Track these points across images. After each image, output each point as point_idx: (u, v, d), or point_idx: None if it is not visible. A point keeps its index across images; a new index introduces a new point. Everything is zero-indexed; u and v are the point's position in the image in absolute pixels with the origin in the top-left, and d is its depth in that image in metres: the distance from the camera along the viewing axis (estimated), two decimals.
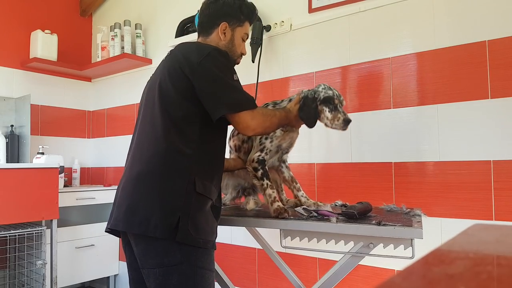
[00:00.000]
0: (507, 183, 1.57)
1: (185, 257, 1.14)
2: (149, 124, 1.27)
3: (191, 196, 1.17)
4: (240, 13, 1.39)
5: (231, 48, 1.39)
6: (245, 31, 1.43)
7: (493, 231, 0.56)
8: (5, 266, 2.55)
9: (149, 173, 1.20)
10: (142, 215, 1.16)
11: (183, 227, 1.13)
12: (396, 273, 0.45)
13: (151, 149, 1.22)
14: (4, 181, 2.15)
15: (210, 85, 1.21)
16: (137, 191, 1.20)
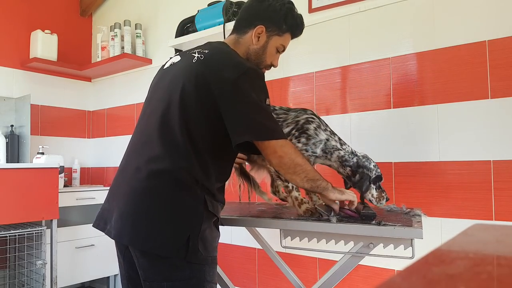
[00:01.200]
0: (507, 183, 1.57)
1: (195, 272, 1.11)
2: (162, 131, 1.15)
3: (202, 215, 1.12)
4: (283, 21, 1.27)
5: (261, 56, 1.29)
6: (282, 42, 1.31)
7: (493, 231, 0.56)
8: (5, 266, 2.55)
9: (161, 187, 1.12)
10: (149, 232, 1.10)
11: (193, 247, 1.09)
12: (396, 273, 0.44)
13: (163, 162, 1.13)
14: (4, 181, 2.15)
15: (239, 107, 1.10)
16: (145, 206, 1.12)
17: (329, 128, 1.40)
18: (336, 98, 2.04)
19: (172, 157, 1.12)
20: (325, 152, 1.36)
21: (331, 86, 2.07)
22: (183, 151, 1.12)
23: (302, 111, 1.42)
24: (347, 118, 2.00)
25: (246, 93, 1.10)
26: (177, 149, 1.13)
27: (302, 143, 1.35)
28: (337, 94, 2.04)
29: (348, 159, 1.35)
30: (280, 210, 1.52)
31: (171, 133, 1.14)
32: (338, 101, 2.04)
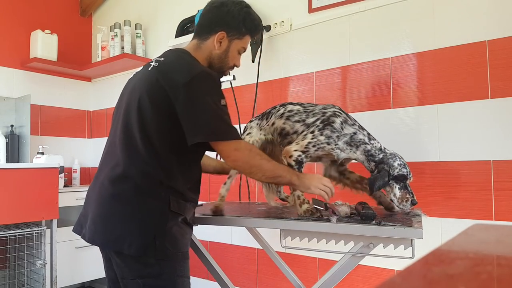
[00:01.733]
0: (507, 183, 1.57)
1: (165, 269, 1.18)
2: (125, 138, 1.24)
3: (166, 215, 1.18)
4: (242, 25, 1.33)
5: (224, 59, 1.35)
6: (243, 45, 1.37)
7: (493, 231, 0.56)
8: (5, 266, 2.55)
9: (124, 192, 1.20)
10: (118, 234, 1.18)
11: (160, 245, 1.16)
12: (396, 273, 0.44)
13: (127, 167, 1.20)
14: (4, 181, 2.15)
15: (192, 109, 1.16)
16: (113, 210, 1.20)
17: (357, 123, 1.38)
18: (336, 98, 2.04)
19: (134, 163, 1.20)
20: (350, 145, 1.34)
21: (331, 86, 2.07)
22: (144, 156, 1.19)
23: (330, 105, 1.42)
24: None
25: (199, 95, 1.16)
26: (138, 155, 1.20)
27: (325, 136, 1.32)
28: (337, 94, 2.04)
29: (374, 154, 1.32)
30: (280, 210, 1.52)
31: (132, 140, 1.22)
32: (338, 101, 2.04)
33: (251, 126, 1.55)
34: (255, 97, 2.29)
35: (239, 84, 2.38)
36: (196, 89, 1.16)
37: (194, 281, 2.61)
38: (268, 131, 1.48)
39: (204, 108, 1.16)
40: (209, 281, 2.50)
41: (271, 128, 1.47)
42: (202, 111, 1.16)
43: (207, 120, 1.16)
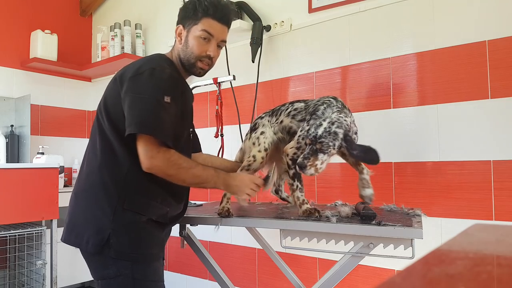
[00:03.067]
0: (507, 183, 1.57)
1: (121, 270, 1.17)
2: (92, 139, 1.30)
3: (121, 213, 1.19)
4: (195, 11, 1.28)
5: (186, 51, 1.30)
6: (202, 28, 1.27)
7: (493, 231, 0.56)
8: (5, 266, 2.55)
9: (84, 191, 1.26)
10: (78, 231, 1.22)
11: (114, 244, 1.17)
12: (396, 273, 0.44)
13: (89, 167, 1.26)
14: (4, 181, 2.15)
15: (131, 101, 1.17)
16: (75, 208, 1.26)
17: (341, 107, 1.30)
18: None
19: (93, 162, 1.25)
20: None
21: (331, 86, 2.07)
22: (102, 155, 1.23)
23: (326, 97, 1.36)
24: None
25: (139, 89, 1.17)
26: (96, 154, 1.25)
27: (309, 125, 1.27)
28: (337, 94, 2.04)
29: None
30: (280, 210, 1.52)
31: (93, 139, 1.28)
32: None
33: (263, 124, 1.51)
34: (255, 97, 2.29)
35: (239, 84, 2.38)
36: (139, 83, 1.18)
37: (194, 281, 2.62)
38: (277, 129, 1.47)
39: (141, 101, 1.16)
40: (209, 281, 2.50)
41: (280, 126, 1.46)
42: (139, 103, 1.16)
43: (140, 112, 1.15)
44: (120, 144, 1.20)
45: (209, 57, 1.31)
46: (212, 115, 2.52)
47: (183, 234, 1.51)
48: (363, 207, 1.23)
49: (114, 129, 1.21)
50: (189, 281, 2.63)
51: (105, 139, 1.23)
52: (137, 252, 1.19)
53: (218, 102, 1.91)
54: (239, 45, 2.44)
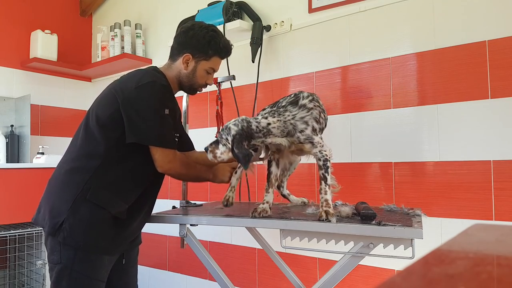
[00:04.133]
0: (507, 183, 1.57)
1: (63, 259, 1.28)
2: (76, 135, 1.44)
3: (80, 202, 1.29)
4: (208, 48, 1.44)
5: (192, 79, 1.48)
6: (211, 65, 1.48)
7: (493, 231, 0.56)
8: (5, 266, 2.55)
9: (55, 178, 1.40)
10: (42, 212, 1.36)
11: (66, 228, 1.27)
12: (396, 273, 0.45)
13: (66, 158, 1.41)
14: (4, 181, 2.15)
15: (133, 112, 1.29)
16: (45, 193, 1.41)
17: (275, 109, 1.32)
18: (336, 98, 2.04)
19: (70, 153, 1.41)
20: None
21: (331, 86, 2.07)
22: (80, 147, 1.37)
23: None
24: (347, 118, 2.00)
25: (140, 100, 1.30)
26: (76, 145, 1.39)
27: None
28: (337, 94, 2.04)
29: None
30: (280, 210, 1.52)
31: (77, 134, 1.42)
32: (338, 101, 2.04)
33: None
34: (255, 97, 2.29)
35: (239, 84, 2.38)
36: (140, 95, 1.30)
37: (194, 281, 2.62)
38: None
39: (144, 113, 1.29)
40: (209, 281, 2.50)
41: None
42: (140, 115, 1.29)
43: (145, 125, 1.30)
44: (103, 143, 1.32)
45: (207, 85, 1.54)
46: (212, 115, 2.52)
47: (183, 234, 1.51)
48: (363, 207, 1.23)
49: (101, 128, 1.33)
50: (189, 281, 2.63)
51: (89, 134, 1.36)
52: (84, 240, 1.28)
53: (218, 102, 1.91)
54: (239, 45, 2.44)
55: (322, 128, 1.37)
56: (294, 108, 1.28)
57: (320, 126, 1.32)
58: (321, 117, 1.33)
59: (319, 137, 1.29)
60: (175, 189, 2.64)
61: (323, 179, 1.24)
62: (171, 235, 2.71)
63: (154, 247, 2.80)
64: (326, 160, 1.27)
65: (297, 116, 1.27)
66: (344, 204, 1.47)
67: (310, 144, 1.27)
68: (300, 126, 1.26)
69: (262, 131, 1.25)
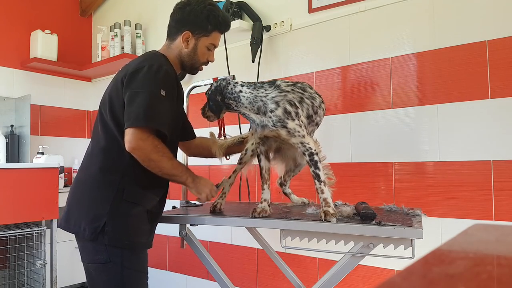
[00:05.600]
0: (507, 183, 1.57)
1: (111, 257, 1.26)
2: (95, 133, 1.37)
3: (118, 203, 1.27)
4: (207, 23, 1.39)
5: (193, 57, 1.42)
6: (211, 41, 1.43)
7: (493, 231, 0.56)
8: (5, 266, 2.55)
9: (84, 181, 1.34)
10: (75, 219, 1.30)
11: (109, 231, 1.25)
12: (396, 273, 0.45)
13: (92, 158, 1.34)
14: (4, 181, 2.15)
15: (129, 97, 1.24)
16: (74, 197, 1.35)
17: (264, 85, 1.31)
18: (336, 98, 2.04)
19: (96, 152, 1.33)
20: None
21: (331, 86, 2.07)
22: (105, 146, 1.30)
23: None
24: (347, 118, 2.00)
25: (135, 84, 1.24)
26: (99, 146, 1.32)
27: None
28: (337, 94, 2.04)
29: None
30: (281, 210, 1.52)
31: (96, 133, 1.36)
32: (338, 101, 2.04)
33: None
34: None
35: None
36: (136, 79, 1.25)
37: (194, 281, 2.62)
38: None
39: (138, 95, 1.23)
40: (209, 281, 2.50)
41: None
42: (136, 98, 1.23)
43: (137, 106, 1.22)
44: (121, 138, 1.26)
45: (208, 63, 1.48)
46: None
47: (183, 234, 1.51)
48: (363, 207, 1.23)
49: (116, 123, 1.28)
50: (189, 281, 2.63)
51: (108, 132, 1.30)
52: (128, 240, 1.28)
53: None
54: (239, 45, 2.44)
55: (309, 116, 1.29)
56: (270, 87, 1.27)
57: (296, 110, 1.24)
58: (305, 103, 1.27)
59: (296, 123, 1.22)
60: (175, 189, 2.64)
61: (315, 177, 1.21)
62: (171, 235, 2.71)
63: (154, 247, 2.78)
64: (311, 154, 1.22)
65: (269, 95, 1.25)
66: (344, 204, 1.47)
67: (285, 130, 1.22)
68: (270, 105, 1.24)
69: (233, 94, 1.28)
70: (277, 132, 1.24)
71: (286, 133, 1.23)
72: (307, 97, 1.29)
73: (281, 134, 1.24)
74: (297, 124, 1.23)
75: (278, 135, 1.26)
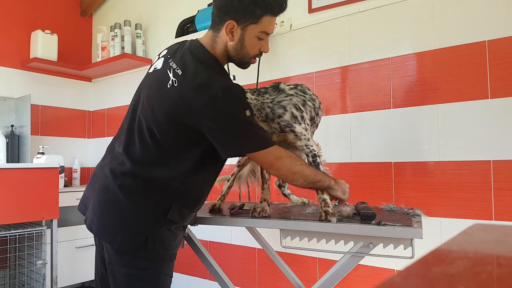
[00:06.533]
0: (507, 183, 1.57)
1: (151, 264, 1.20)
2: (139, 139, 1.20)
3: (161, 221, 1.19)
4: (254, 6, 1.14)
5: (241, 51, 1.21)
6: (262, 29, 1.18)
7: (493, 231, 0.56)
8: (5, 266, 2.55)
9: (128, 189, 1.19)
10: (112, 228, 1.19)
11: (151, 247, 1.18)
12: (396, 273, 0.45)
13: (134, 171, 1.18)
14: (4, 181, 2.15)
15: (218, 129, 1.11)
16: (113, 203, 1.20)
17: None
18: (336, 98, 2.04)
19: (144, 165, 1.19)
20: None
21: (331, 86, 2.07)
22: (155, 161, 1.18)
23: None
24: (347, 118, 2.00)
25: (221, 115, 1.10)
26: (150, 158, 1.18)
27: None
28: (337, 94, 2.04)
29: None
30: (280, 210, 1.52)
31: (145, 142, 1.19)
32: (338, 101, 2.04)
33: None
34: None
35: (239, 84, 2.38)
36: (218, 109, 1.10)
37: (194, 281, 2.62)
38: None
39: (231, 126, 1.11)
40: (209, 281, 2.50)
41: None
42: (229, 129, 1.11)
43: (237, 137, 1.13)
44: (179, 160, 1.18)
45: (262, 54, 1.26)
46: None
47: (183, 234, 1.51)
48: (363, 207, 1.23)
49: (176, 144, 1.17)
50: (189, 281, 2.63)
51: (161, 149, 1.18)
52: (167, 253, 1.23)
53: None
54: None
55: (311, 118, 1.31)
56: (274, 92, 1.27)
57: (301, 114, 1.24)
58: (307, 106, 1.28)
59: (302, 127, 1.22)
60: None
61: None
62: None
63: None
64: (315, 155, 1.24)
65: (275, 100, 1.24)
66: (345, 204, 1.47)
67: (293, 134, 1.23)
68: (278, 110, 1.23)
69: None
70: (284, 136, 1.26)
71: (294, 137, 1.24)
72: (308, 99, 1.31)
73: (288, 138, 1.25)
74: (303, 128, 1.25)
75: (285, 139, 1.27)
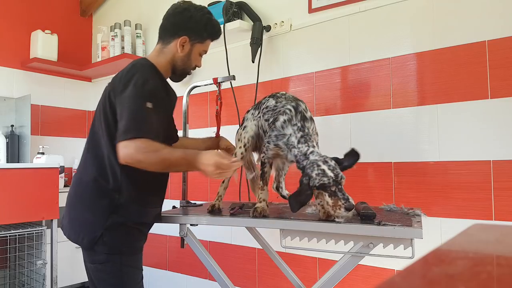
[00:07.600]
0: (507, 183, 1.57)
1: (110, 257, 1.33)
2: (91, 142, 1.38)
3: (115, 219, 1.31)
4: (204, 30, 1.42)
5: (187, 62, 1.45)
6: (204, 48, 1.47)
7: (493, 231, 0.56)
8: (5, 266, 2.55)
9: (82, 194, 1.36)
10: (75, 229, 1.37)
11: (108, 241, 1.31)
12: (396, 273, 0.45)
13: (88, 171, 1.36)
14: (5, 181, 2.15)
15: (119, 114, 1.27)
16: (75, 209, 1.39)
17: (300, 123, 1.28)
18: (336, 98, 2.04)
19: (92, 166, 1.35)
20: (288, 146, 1.28)
21: (331, 86, 2.07)
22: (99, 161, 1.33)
23: (291, 101, 1.34)
24: (347, 118, 2.00)
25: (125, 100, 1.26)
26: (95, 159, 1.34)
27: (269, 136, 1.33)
28: (337, 94, 2.04)
29: (299, 160, 1.23)
30: (280, 209, 1.52)
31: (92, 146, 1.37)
32: (338, 101, 2.04)
33: (247, 118, 1.53)
34: (255, 97, 2.29)
35: (239, 84, 2.38)
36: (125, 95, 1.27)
37: (194, 281, 2.62)
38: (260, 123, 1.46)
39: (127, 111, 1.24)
40: (209, 281, 2.50)
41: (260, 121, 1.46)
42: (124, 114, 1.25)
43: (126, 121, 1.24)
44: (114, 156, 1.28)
45: (195, 68, 1.51)
46: (212, 115, 2.52)
47: (183, 234, 1.51)
48: (363, 207, 1.23)
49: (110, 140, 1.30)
50: (189, 281, 2.63)
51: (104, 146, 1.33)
52: (126, 246, 1.35)
53: (218, 102, 1.91)
54: (239, 45, 2.44)
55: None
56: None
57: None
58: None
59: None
60: (175, 189, 2.64)
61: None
62: (171, 235, 2.71)
63: (154, 247, 2.80)
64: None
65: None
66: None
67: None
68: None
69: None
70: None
71: None
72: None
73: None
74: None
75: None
